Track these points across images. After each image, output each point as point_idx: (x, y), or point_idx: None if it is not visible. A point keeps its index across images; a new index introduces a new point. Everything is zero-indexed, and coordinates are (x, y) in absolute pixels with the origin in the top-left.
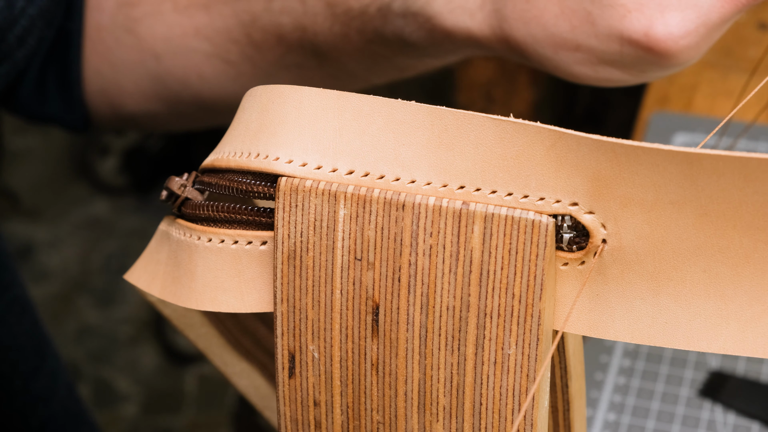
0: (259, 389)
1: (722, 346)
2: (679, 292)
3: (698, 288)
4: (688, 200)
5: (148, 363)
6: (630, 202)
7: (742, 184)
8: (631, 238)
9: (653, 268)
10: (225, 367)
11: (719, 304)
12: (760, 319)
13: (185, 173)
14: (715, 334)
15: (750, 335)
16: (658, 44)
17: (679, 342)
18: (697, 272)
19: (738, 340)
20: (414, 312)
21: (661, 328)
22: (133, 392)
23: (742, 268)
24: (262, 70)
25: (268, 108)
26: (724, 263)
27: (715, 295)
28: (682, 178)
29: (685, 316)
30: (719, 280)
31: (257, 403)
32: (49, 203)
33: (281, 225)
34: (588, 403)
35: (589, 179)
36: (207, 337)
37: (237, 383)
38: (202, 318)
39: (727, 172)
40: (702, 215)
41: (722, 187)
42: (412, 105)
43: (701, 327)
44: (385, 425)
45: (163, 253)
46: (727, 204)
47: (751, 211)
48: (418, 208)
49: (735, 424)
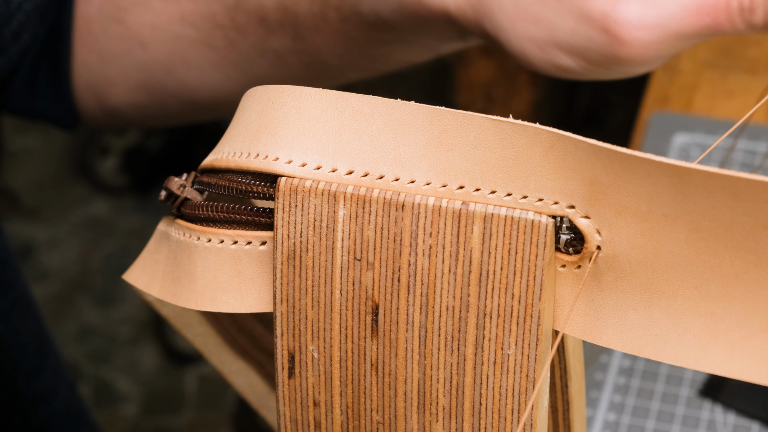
0: (255, 388)
1: (709, 366)
2: (670, 306)
3: (689, 304)
4: (680, 214)
5: (148, 363)
6: (624, 211)
7: (732, 203)
8: (625, 246)
9: (646, 280)
10: (222, 366)
11: (709, 322)
12: (748, 342)
13: (184, 173)
14: (703, 352)
15: (737, 357)
16: (611, 27)
17: (667, 356)
18: (689, 288)
19: (725, 361)
20: (414, 312)
21: (651, 341)
22: (133, 392)
23: (732, 288)
24: (243, 55)
25: (268, 108)
26: (715, 282)
27: (705, 313)
28: (674, 192)
29: (675, 331)
30: (710, 299)
31: (254, 401)
32: (49, 203)
33: (281, 225)
34: (588, 403)
35: (585, 183)
36: (204, 337)
37: (233, 382)
38: (199, 317)
39: (717, 189)
40: (694, 231)
41: (713, 204)
42: (412, 105)
43: (690, 344)
44: (385, 425)
45: (162, 253)
46: (718, 222)
47: (742, 231)
48: (418, 208)
49: (735, 424)
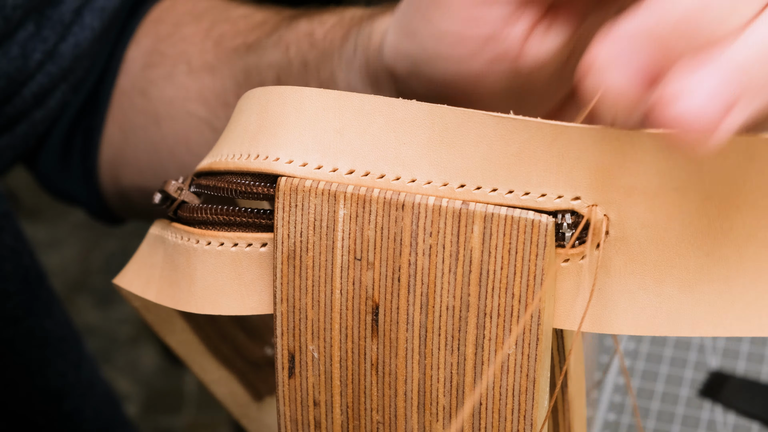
0: (236, 397)
1: (728, 329)
2: (682, 278)
3: (702, 272)
4: (693, 184)
5: (148, 363)
6: (634, 191)
7: (747, 164)
8: (634, 227)
9: (656, 257)
10: (203, 374)
11: (723, 286)
12: (765, 297)
13: (180, 176)
14: (719, 317)
15: (755, 315)
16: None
17: (684, 329)
18: (701, 256)
19: (743, 321)
20: (414, 312)
21: (665, 318)
22: (133, 392)
23: (745, 249)
24: None
25: (268, 109)
26: (727, 245)
27: (718, 278)
28: (687, 162)
29: (689, 302)
30: (723, 263)
31: (235, 411)
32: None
33: (281, 225)
34: (588, 403)
35: (592, 171)
36: (187, 344)
37: (215, 391)
38: (183, 324)
39: (731, 153)
40: (706, 199)
41: (727, 168)
42: (413, 104)
43: (706, 312)
44: (385, 425)
45: (157, 257)
46: (732, 186)
47: (755, 190)
48: (418, 208)
49: (735, 424)
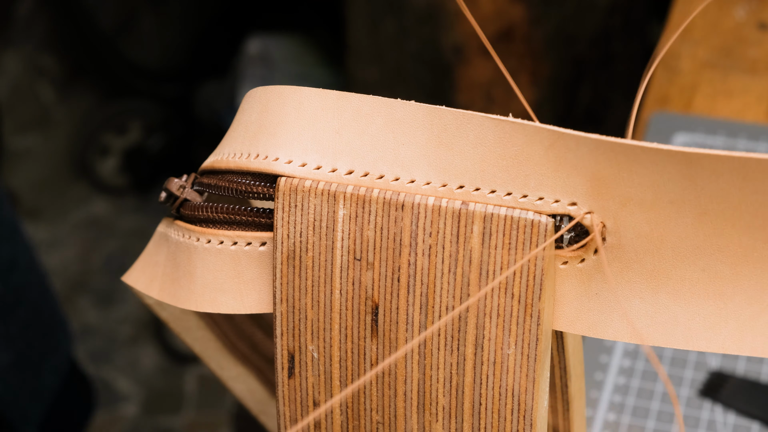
0: (254, 394)
1: (721, 346)
2: (678, 290)
3: (697, 287)
4: (688, 200)
5: (148, 363)
6: (629, 202)
7: (741, 183)
8: (630, 236)
9: (652, 267)
10: (221, 371)
11: (718, 303)
12: (759, 318)
13: (184, 175)
14: (714, 333)
15: (749, 334)
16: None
17: (678, 341)
18: (696, 271)
19: (737, 339)
20: (413, 312)
21: (660, 328)
22: (133, 392)
23: (741, 267)
24: None
25: (268, 108)
26: (723, 262)
27: (714, 294)
28: (681, 178)
29: (684, 315)
30: (718, 279)
31: (253, 407)
32: (49, 203)
33: (281, 225)
34: (588, 403)
35: (588, 179)
36: (203, 341)
37: (233, 388)
38: (198, 321)
39: (725, 172)
40: (701, 214)
41: (721, 186)
42: (412, 105)
43: (700, 326)
44: (385, 425)
45: (161, 254)
46: (726, 203)
47: (750, 210)
48: (418, 208)
49: (735, 424)
